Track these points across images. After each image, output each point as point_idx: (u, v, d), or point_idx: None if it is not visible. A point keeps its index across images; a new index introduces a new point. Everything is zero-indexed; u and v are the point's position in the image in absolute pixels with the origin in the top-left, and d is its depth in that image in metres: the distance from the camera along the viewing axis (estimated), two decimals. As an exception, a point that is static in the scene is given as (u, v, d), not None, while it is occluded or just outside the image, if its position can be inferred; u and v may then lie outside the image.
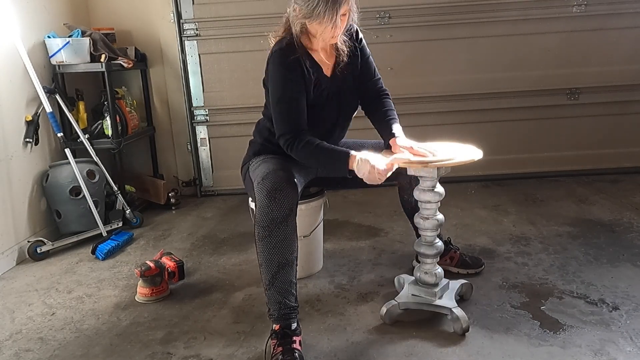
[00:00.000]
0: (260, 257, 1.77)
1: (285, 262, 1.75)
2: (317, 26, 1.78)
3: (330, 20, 1.74)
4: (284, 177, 1.78)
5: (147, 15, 3.61)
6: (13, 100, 2.82)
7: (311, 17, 1.75)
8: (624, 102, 3.65)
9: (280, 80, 1.87)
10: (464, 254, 2.35)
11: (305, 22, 1.81)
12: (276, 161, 1.91)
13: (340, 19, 1.76)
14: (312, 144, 1.84)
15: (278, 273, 1.75)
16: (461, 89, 3.63)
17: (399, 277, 2.16)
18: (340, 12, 1.75)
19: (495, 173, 3.71)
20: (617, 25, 3.55)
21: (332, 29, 1.77)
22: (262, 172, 1.84)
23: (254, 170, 1.95)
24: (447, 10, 3.51)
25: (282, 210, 1.73)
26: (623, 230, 2.69)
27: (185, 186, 3.83)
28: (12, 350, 1.94)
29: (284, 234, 1.74)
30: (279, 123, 1.89)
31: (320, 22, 1.75)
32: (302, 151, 1.85)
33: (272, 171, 1.81)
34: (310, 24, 1.80)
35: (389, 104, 2.10)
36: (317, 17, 1.74)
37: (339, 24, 1.78)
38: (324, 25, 1.76)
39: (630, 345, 1.74)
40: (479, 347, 1.78)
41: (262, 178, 1.80)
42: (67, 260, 2.76)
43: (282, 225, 1.73)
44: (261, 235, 1.74)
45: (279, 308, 1.76)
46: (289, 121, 1.87)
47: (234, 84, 3.66)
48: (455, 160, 1.74)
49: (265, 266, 1.76)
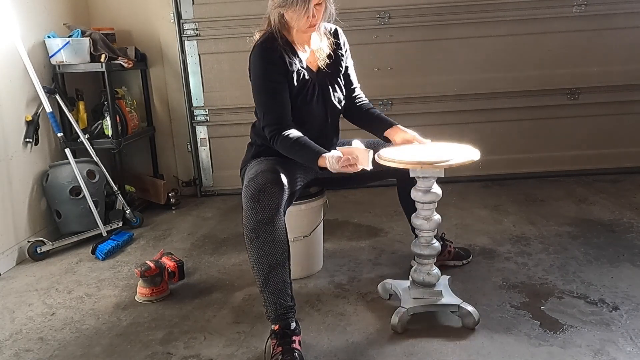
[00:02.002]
0: (251, 259, 1.78)
1: (276, 263, 1.75)
2: (292, 14, 1.82)
3: (303, 7, 1.77)
4: (270, 178, 1.78)
5: (147, 15, 3.61)
6: (13, 100, 2.82)
7: (285, 4, 1.79)
8: (624, 102, 3.65)
9: (262, 72, 1.90)
10: (456, 247, 2.43)
11: (282, 12, 1.84)
12: (268, 163, 1.91)
13: (314, 8, 1.79)
14: (291, 138, 1.86)
15: (270, 274, 1.75)
16: (461, 89, 3.63)
17: (384, 283, 2.14)
18: (314, 1, 1.78)
19: (495, 173, 3.72)
20: (617, 25, 3.55)
21: (306, 17, 1.80)
22: (250, 175, 1.85)
23: (247, 173, 1.96)
24: (447, 10, 3.51)
25: (267, 212, 1.73)
26: (623, 230, 2.70)
27: (185, 186, 3.83)
28: (12, 350, 1.94)
29: (272, 234, 1.74)
30: (263, 115, 1.92)
31: (294, 10, 1.78)
32: (282, 143, 1.87)
33: (260, 173, 1.81)
34: (287, 13, 1.83)
35: (369, 104, 2.17)
36: (291, 5, 1.78)
37: (313, 12, 1.80)
38: (298, 13, 1.79)
39: (630, 345, 1.74)
40: (479, 347, 1.78)
41: (248, 181, 1.81)
42: (67, 260, 2.76)
43: (269, 226, 1.73)
44: (249, 237, 1.75)
45: (275, 309, 1.76)
46: (272, 112, 1.90)
47: (234, 84, 3.65)
48: (453, 161, 1.73)
49: (257, 268, 1.77)
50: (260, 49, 1.90)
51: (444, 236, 2.43)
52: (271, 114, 1.91)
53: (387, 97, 3.62)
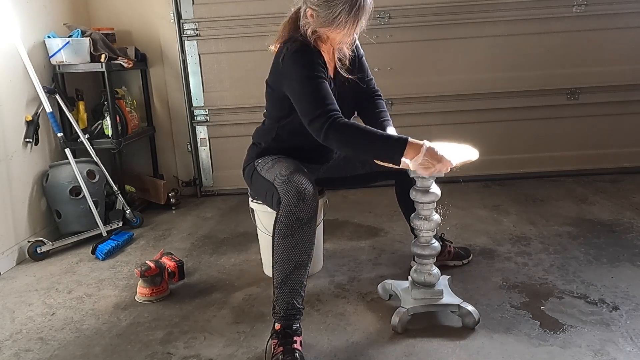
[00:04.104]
0: (276, 255, 1.75)
1: (302, 263, 1.74)
2: (334, 34, 1.78)
3: (351, 30, 1.74)
4: (310, 178, 1.78)
5: (147, 15, 3.61)
6: (13, 100, 2.82)
7: (331, 26, 1.74)
8: (624, 102, 3.65)
9: (308, 71, 1.79)
10: (456, 247, 2.42)
11: (321, 29, 1.79)
12: (292, 161, 1.89)
13: None
14: (356, 125, 1.73)
15: (292, 273, 1.74)
16: (461, 89, 3.63)
17: (384, 284, 2.14)
18: (363, 24, 1.76)
19: (496, 173, 3.72)
20: (617, 25, 3.55)
21: (349, 37, 1.78)
22: (284, 172, 1.82)
23: (268, 170, 1.93)
24: (447, 10, 3.51)
25: (309, 212, 1.72)
26: (623, 230, 2.70)
27: (185, 186, 3.83)
28: (12, 350, 1.94)
29: (306, 235, 1.73)
30: (311, 109, 1.77)
31: (339, 31, 1.75)
32: (345, 131, 1.72)
33: (296, 171, 1.80)
34: (330, 33, 1.79)
35: (382, 105, 2.11)
36: (337, 27, 1.73)
37: (357, 32, 1.78)
38: (342, 34, 1.76)
39: (630, 345, 1.74)
40: (479, 347, 1.78)
41: (287, 177, 1.78)
42: (67, 260, 2.76)
43: (306, 226, 1.72)
44: (283, 233, 1.72)
45: (287, 308, 1.75)
46: (323, 104, 1.75)
47: (234, 84, 3.66)
48: (454, 161, 1.74)
49: (281, 265, 1.75)
50: (300, 52, 1.81)
51: (444, 236, 2.43)
52: (321, 106, 1.75)
53: (387, 97, 3.59)
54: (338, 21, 1.71)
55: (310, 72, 1.79)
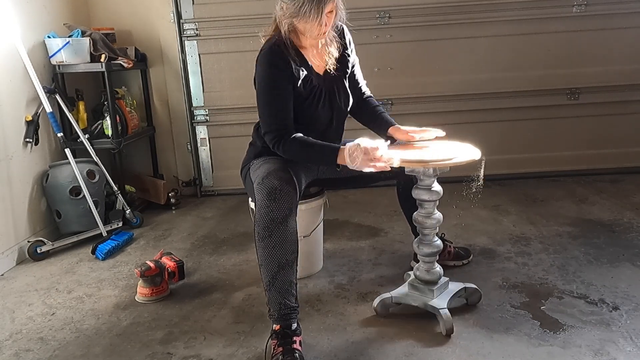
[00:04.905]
0: (260, 257, 1.77)
1: (285, 263, 1.75)
2: (304, 24, 1.82)
3: (316, 18, 1.77)
4: (284, 177, 1.79)
5: (147, 15, 3.61)
6: (13, 100, 2.82)
7: (297, 15, 1.79)
8: (624, 102, 3.65)
9: (268, 79, 1.89)
10: (456, 247, 2.44)
11: (292, 21, 1.83)
12: (277, 161, 1.91)
13: (326, 16, 1.79)
14: (298, 140, 1.86)
15: (278, 273, 1.74)
16: (461, 89, 3.63)
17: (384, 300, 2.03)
18: (326, 10, 1.78)
19: (495, 173, 3.71)
20: (617, 25, 3.55)
21: (319, 26, 1.80)
22: (262, 173, 1.84)
23: (255, 170, 1.95)
24: (447, 10, 3.51)
25: (282, 211, 1.73)
26: (623, 230, 2.70)
27: (185, 186, 3.83)
28: (12, 350, 1.94)
29: (284, 234, 1.74)
30: (266, 121, 1.91)
31: (306, 20, 1.78)
32: (289, 147, 1.86)
33: (273, 171, 1.81)
34: (298, 22, 1.83)
35: (374, 101, 2.18)
36: (304, 16, 1.77)
37: (325, 21, 1.80)
38: (310, 24, 1.79)
39: (630, 345, 1.74)
40: (479, 347, 1.78)
41: (262, 178, 1.80)
42: (67, 260, 2.76)
43: (282, 225, 1.73)
44: (261, 235, 1.74)
45: (279, 308, 1.76)
46: (275, 119, 1.89)
47: (234, 84, 3.66)
48: (455, 160, 1.74)
49: (265, 266, 1.76)
50: (267, 54, 1.88)
51: (444, 236, 2.42)
52: (274, 121, 1.89)
53: (387, 97, 3.62)
54: (303, 10, 1.76)
55: (271, 80, 1.88)
